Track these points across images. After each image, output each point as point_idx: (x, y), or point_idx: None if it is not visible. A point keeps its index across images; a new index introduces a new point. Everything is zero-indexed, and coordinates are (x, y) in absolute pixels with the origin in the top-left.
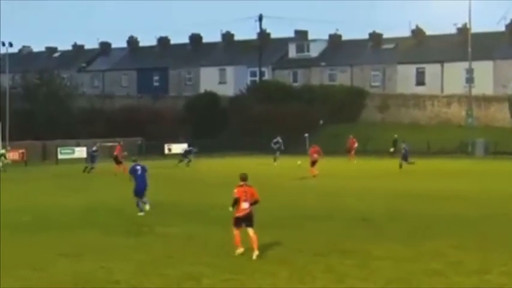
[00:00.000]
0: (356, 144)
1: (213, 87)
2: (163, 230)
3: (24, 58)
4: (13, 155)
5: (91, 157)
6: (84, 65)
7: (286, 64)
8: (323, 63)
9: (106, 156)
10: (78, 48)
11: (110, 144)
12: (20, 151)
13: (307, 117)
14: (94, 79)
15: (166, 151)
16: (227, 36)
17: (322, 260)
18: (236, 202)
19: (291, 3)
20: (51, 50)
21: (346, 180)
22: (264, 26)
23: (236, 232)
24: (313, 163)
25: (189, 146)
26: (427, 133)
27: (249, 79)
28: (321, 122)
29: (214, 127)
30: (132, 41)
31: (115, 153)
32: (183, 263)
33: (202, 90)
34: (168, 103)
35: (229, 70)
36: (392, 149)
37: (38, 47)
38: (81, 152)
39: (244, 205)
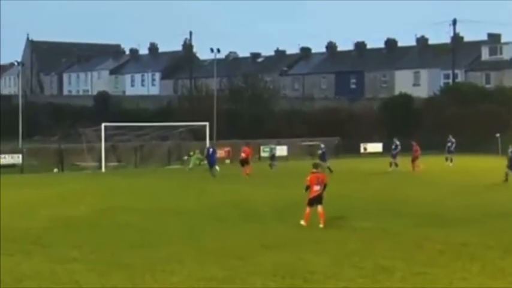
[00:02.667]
0: (419, 152)
1: (407, 89)
2: (358, 224)
3: (231, 63)
4: (219, 153)
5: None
6: (285, 69)
7: (479, 66)
8: None
9: (304, 155)
10: (280, 54)
11: (309, 143)
12: (226, 149)
13: (499, 118)
14: (295, 82)
15: (362, 150)
16: (421, 40)
17: None
18: (308, 188)
19: (484, 6)
20: (255, 56)
21: None
22: (457, 30)
23: (308, 210)
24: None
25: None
26: None
27: (442, 81)
28: None
29: (409, 127)
30: (330, 46)
31: (244, 155)
32: (376, 256)
33: (397, 92)
34: (364, 105)
35: (423, 73)
36: None
37: (243, 53)
38: (281, 150)
39: (316, 188)
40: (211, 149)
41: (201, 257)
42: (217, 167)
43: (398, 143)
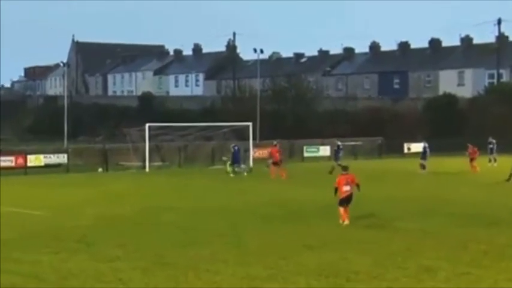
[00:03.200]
0: (477, 154)
1: (451, 89)
2: (402, 225)
3: (274, 63)
4: (263, 153)
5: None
6: (328, 69)
7: None
8: None
9: (348, 155)
10: (323, 54)
11: (352, 143)
12: (269, 149)
13: None
14: (338, 82)
15: (405, 150)
16: (466, 40)
17: None
18: (337, 190)
19: None
20: (298, 56)
21: None
22: (502, 29)
23: (341, 209)
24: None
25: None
26: None
27: (486, 81)
28: None
29: (452, 127)
30: (374, 46)
31: (274, 158)
32: (420, 257)
33: (441, 92)
34: (407, 104)
35: (468, 72)
36: None
37: (286, 53)
38: (325, 150)
39: (346, 188)
40: (236, 148)
41: (244, 256)
42: (243, 165)
43: (427, 145)
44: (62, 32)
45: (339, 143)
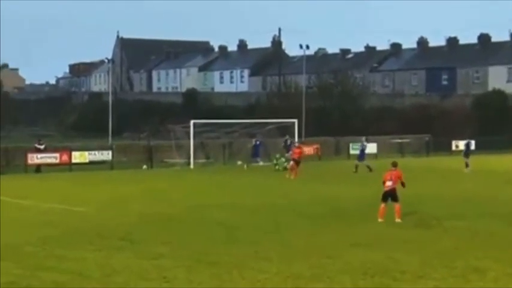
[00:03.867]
0: None
1: (501, 86)
2: (449, 224)
3: (320, 60)
4: (308, 150)
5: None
6: (375, 65)
7: None
8: None
9: (395, 152)
10: (370, 50)
11: (399, 140)
12: (315, 146)
13: None
14: (385, 79)
15: (453, 147)
16: None
17: None
18: (384, 182)
19: None
20: (344, 52)
21: None
22: None
23: (382, 206)
24: None
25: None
26: None
27: None
28: None
29: (502, 125)
30: (422, 42)
31: (296, 156)
32: (469, 256)
33: (490, 89)
34: (455, 101)
35: None
36: None
37: (332, 49)
38: (371, 148)
39: (388, 183)
40: (257, 142)
41: (289, 255)
42: (260, 162)
43: (471, 142)
44: (106, 29)
45: (365, 142)
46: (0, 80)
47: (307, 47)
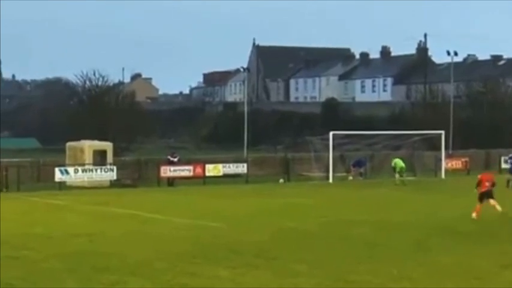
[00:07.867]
0: None
1: None
2: None
3: (469, 67)
4: (456, 164)
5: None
6: None
7: None
8: None
9: None
10: None
11: None
12: (463, 159)
13: None
14: None
15: None
16: None
17: None
18: (479, 184)
19: None
20: (496, 58)
21: None
22: None
23: (479, 205)
24: None
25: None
26: None
27: None
28: None
29: None
30: None
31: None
32: None
33: None
34: None
35: None
36: None
37: (482, 56)
38: None
39: (486, 184)
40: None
41: (433, 275)
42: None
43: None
44: (242, 36)
45: None
46: (133, 90)
47: (455, 53)
